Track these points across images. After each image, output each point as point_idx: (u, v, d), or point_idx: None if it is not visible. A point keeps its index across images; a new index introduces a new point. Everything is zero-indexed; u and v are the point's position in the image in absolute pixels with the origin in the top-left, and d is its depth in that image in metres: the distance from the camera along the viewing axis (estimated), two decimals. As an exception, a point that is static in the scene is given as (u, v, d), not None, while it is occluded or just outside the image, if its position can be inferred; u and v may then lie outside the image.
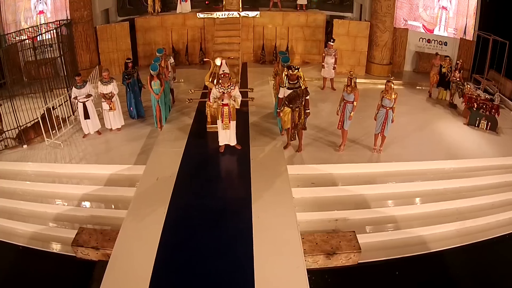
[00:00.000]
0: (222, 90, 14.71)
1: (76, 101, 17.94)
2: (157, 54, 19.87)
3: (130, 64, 19.33)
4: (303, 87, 16.11)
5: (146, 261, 10.45)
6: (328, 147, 17.53)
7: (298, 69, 16.01)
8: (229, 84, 14.76)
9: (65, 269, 13.58)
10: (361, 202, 15.33)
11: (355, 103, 16.47)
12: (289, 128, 16.56)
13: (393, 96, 16.49)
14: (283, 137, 17.42)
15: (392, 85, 16.55)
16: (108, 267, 10.45)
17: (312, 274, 11.46)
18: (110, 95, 18.00)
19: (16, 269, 13.67)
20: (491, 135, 19.53)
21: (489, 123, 19.78)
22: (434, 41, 27.86)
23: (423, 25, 27.92)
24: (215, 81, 15.70)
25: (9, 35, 22.76)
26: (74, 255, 13.60)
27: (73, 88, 17.91)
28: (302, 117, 16.44)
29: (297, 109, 16.20)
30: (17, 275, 13.41)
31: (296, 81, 16.02)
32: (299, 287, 9.86)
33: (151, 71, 17.58)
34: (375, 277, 13.22)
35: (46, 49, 21.10)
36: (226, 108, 14.88)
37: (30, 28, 23.69)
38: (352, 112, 16.51)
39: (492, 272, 13.68)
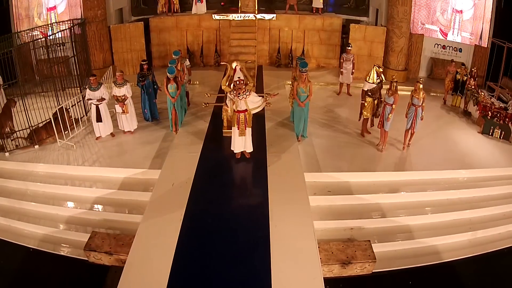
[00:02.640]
0: (238, 96, 14.73)
1: (90, 102, 17.93)
2: (173, 56, 19.79)
3: (145, 66, 19.34)
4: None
5: (162, 269, 10.47)
6: (344, 155, 17.60)
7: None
8: (244, 90, 14.77)
9: (77, 273, 13.61)
10: (376, 211, 15.39)
11: (394, 106, 17.22)
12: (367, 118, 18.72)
13: (421, 95, 17.55)
14: (299, 143, 17.57)
15: (420, 85, 17.54)
16: (123, 274, 10.47)
17: (327, 282, 11.21)
18: (123, 97, 18.04)
19: (26, 271, 13.76)
20: (505, 144, 19.48)
21: (503, 132, 19.73)
22: (449, 47, 27.76)
23: (440, 29, 27.86)
24: (231, 85, 15.67)
25: (21, 32, 22.77)
26: (86, 259, 13.61)
27: (87, 89, 17.88)
28: (380, 106, 18.36)
29: (376, 100, 18.48)
30: (27, 277, 13.50)
31: (378, 78, 18.52)
32: None
33: (168, 74, 17.50)
34: (389, 287, 13.38)
35: (58, 48, 21.14)
36: (242, 115, 14.89)
37: (44, 26, 23.95)
38: (391, 114, 17.29)
39: (503, 283, 13.80)
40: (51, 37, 19.88)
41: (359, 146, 18.35)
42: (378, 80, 18.68)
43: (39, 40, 21.15)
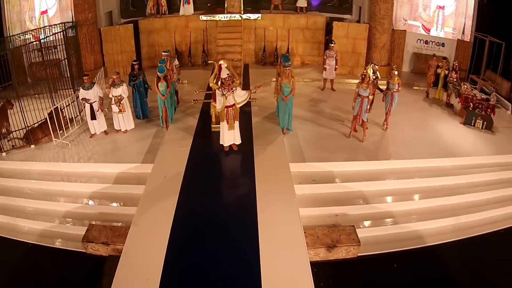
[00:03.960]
0: (225, 93, 15.28)
1: (84, 102, 18.28)
2: (162, 54, 20.39)
3: (136, 66, 19.76)
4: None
5: (157, 255, 10.94)
6: (328, 146, 18.09)
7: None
8: (231, 86, 15.32)
9: (75, 265, 13.97)
10: (360, 198, 15.86)
11: (370, 97, 18.33)
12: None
13: (396, 81, 18.86)
14: (285, 136, 18.10)
15: (395, 72, 18.98)
16: (121, 262, 10.94)
17: (314, 266, 11.73)
18: (119, 97, 18.38)
19: (26, 265, 14.06)
20: (487, 134, 19.93)
21: (485, 123, 20.18)
22: (432, 42, 28.28)
23: (423, 25, 28.40)
24: (219, 82, 16.13)
25: (14, 36, 23.05)
26: (84, 251, 14.04)
27: (81, 89, 18.27)
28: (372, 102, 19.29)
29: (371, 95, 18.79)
30: (27, 271, 13.81)
31: (374, 75, 19.37)
32: (303, 279, 10.34)
33: (158, 73, 17.97)
34: (374, 270, 13.75)
35: (50, 51, 21.37)
36: (231, 110, 15.46)
37: (36, 30, 24.33)
38: (370, 106, 18.74)
39: (485, 266, 14.15)
40: (44, 40, 20.32)
41: (343, 138, 18.79)
42: (374, 77, 19.35)
43: (32, 43, 21.63)
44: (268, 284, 10.09)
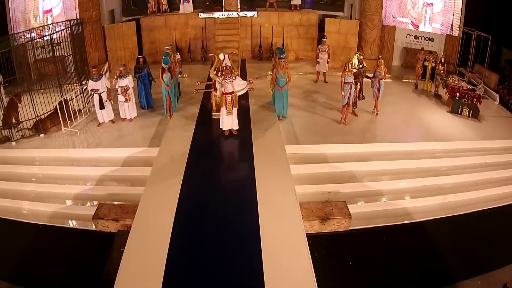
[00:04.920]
0: (222, 81, 16.23)
1: (93, 92, 19.02)
2: (165, 48, 21.33)
3: (141, 60, 20.58)
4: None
5: (165, 224, 11.71)
6: (320, 131, 18.96)
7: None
8: (230, 75, 16.23)
9: (85, 242, 14.62)
10: (351, 178, 16.66)
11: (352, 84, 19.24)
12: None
13: (382, 69, 20.11)
14: (280, 123, 19.00)
15: (381, 61, 20.27)
16: (132, 229, 11.72)
17: (309, 238, 12.15)
18: (125, 88, 19.14)
19: (38, 245, 14.59)
20: (474, 122, 20.65)
21: (471, 111, 20.85)
22: (421, 37, 28.95)
23: (412, 22, 29.09)
24: (219, 73, 17.01)
25: (18, 34, 23.43)
26: (94, 228, 14.82)
27: (90, 80, 19.02)
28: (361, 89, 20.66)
29: (359, 83, 20.23)
30: (39, 250, 14.31)
31: (360, 64, 20.29)
32: (300, 245, 11.09)
33: (163, 65, 18.77)
34: (365, 242, 14.49)
35: (55, 48, 21.84)
36: (229, 97, 16.33)
37: (41, 27, 24.62)
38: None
39: (470, 242, 14.84)
40: (49, 37, 20.92)
41: (335, 124, 19.64)
42: (360, 66, 20.24)
43: (37, 40, 22.39)
44: (268, 250, 10.74)
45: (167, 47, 21.90)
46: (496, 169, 18.16)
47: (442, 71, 23.36)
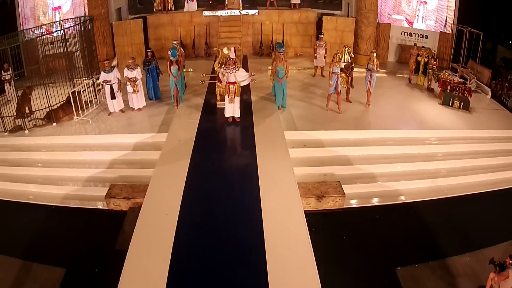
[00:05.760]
0: (229, 71, 17.25)
1: (105, 83, 19.88)
2: (173, 42, 22.54)
3: (149, 53, 21.61)
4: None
5: (174, 199, 12.64)
6: (317, 119, 19.90)
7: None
8: (234, 66, 17.32)
9: (99, 219, 15.55)
10: (346, 161, 17.56)
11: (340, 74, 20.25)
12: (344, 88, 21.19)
13: (375, 62, 20.87)
14: (280, 112, 19.91)
15: (374, 54, 21.10)
16: (144, 204, 12.69)
17: (306, 215, 12.91)
18: (134, 79, 20.02)
19: (53, 224, 15.52)
20: (464, 113, 21.34)
21: (462, 103, 21.55)
22: (415, 34, 29.74)
23: (406, 19, 29.89)
24: (223, 66, 18.10)
25: (28, 30, 23.98)
26: (106, 207, 15.69)
27: (102, 72, 19.92)
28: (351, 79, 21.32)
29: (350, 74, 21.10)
30: (51, 230, 15.18)
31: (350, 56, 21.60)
32: (298, 218, 12.02)
33: (171, 57, 19.70)
34: (358, 220, 15.36)
35: (64, 43, 22.63)
36: (232, 86, 17.41)
37: (51, 23, 25.89)
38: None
39: (458, 222, 15.60)
40: (59, 33, 21.95)
41: (331, 113, 20.53)
42: (349, 58, 21.33)
43: (47, 36, 23.21)
44: (268, 223, 11.61)
45: (175, 42, 22.90)
46: (485, 156, 18.88)
47: (434, 66, 24.04)
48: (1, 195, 16.89)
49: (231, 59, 17.52)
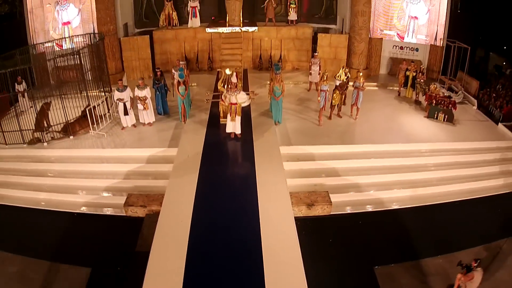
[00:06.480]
0: (231, 94, 19.94)
1: (119, 101, 22.14)
2: (180, 63, 25.02)
3: (159, 73, 23.89)
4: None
5: (187, 207, 15.33)
6: (310, 134, 22.39)
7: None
8: (235, 89, 20.02)
9: (118, 225, 17.96)
10: (334, 172, 20.08)
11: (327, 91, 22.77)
12: (336, 104, 23.82)
13: (361, 81, 23.34)
14: (276, 127, 22.43)
15: (360, 73, 23.71)
16: (161, 211, 15.32)
17: (298, 220, 15.63)
18: (144, 98, 22.46)
19: (73, 229, 17.72)
20: (448, 126, 23.50)
21: (446, 116, 23.58)
22: (406, 47, 31.98)
23: (398, 34, 32.12)
24: (225, 86, 20.63)
25: (38, 45, 26.89)
26: (124, 214, 18.10)
27: (116, 91, 22.14)
28: (345, 97, 24.04)
29: (343, 92, 23.71)
30: (74, 234, 17.37)
31: (346, 76, 23.56)
32: (289, 223, 14.73)
33: (179, 79, 21.99)
34: (343, 225, 17.83)
35: (77, 58, 24.14)
36: (233, 106, 20.05)
37: (61, 39, 28.60)
38: (327, 97, 22.94)
39: (437, 227, 17.73)
40: (72, 49, 24.55)
41: (323, 127, 23.14)
42: (345, 77, 23.48)
43: (61, 51, 25.95)
44: (264, 227, 14.33)
45: (182, 62, 25.32)
46: (464, 167, 20.91)
47: (422, 80, 26.21)
48: (24, 202, 19.08)
49: (233, 83, 20.11)
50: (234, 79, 20.47)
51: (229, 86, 20.09)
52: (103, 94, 24.69)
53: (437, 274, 15.40)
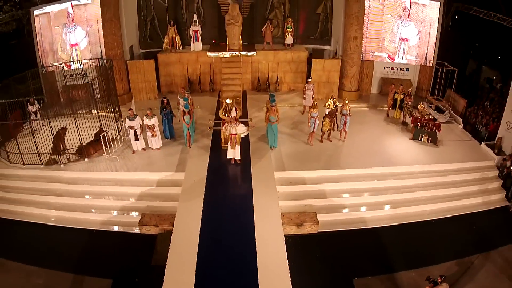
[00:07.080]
0: (231, 126, 22.73)
1: (130, 129, 24.76)
2: (185, 92, 27.61)
3: (165, 101, 26.57)
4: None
5: (195, 227, 18.09)
6: (301, 157, 24.95)
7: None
8: (235, 122, 22.83)
9: (134, 241, 20.37)
10: (322, 195, 22.68)
11: (317, 117, 25.64)
12: (326, 130, 26.30)
13: (348, 108, 25.80)
14: (272, 152, 25.22)
15: (346, 101, 26.06)
16: (174, 231, 17.84)
17: (289, 237, 18.77)
18: (152, 126, 25.08)
19: (92, 245, 20.02)
20: (432, 147, 25.76)
21: (430, 138, 25.96)
22: (397, 68, 34.68)
23: (389, 55, 34.82)
24: (225, 114, 23.43)
25: (48, 67, 29.46)
26: (139, 231, 20.70)
27: (127, 120, 24.91)
28: (334, 123, 26.19)
29: (333, 120, 25.99)
30: (93, 248, 19.67)
31: (334, 104, 25.71)
32: (279, 240, 17.40)
33: (184, 109, 24.87)
34: (329, 241, 20.22)
35: (86, 82, 27.03)
36: (233, 137, 22.82)
37: (71, 62, 31.12)
38: (318, 122, 25.82)
39: (415, 244, 19.82)
40: (81, 71, 27.59)
41: (313, 151, 25.76)
42: (334, 106, 25.83)
43: (66, 70, 28.52)
44: (259, 243, 17.00)
45: (186, 92, 27.92)
46: (443, 187, 23.21)
47: (409, 103, 28.62)
48: (45, 220, 21.59)
49: (233, 117, 22.87)
50: (233, 113, 23.22)
51: (230, 120, 22.82)
52: (113, 115, 27.30)
53: (409, 286, 17.56)
